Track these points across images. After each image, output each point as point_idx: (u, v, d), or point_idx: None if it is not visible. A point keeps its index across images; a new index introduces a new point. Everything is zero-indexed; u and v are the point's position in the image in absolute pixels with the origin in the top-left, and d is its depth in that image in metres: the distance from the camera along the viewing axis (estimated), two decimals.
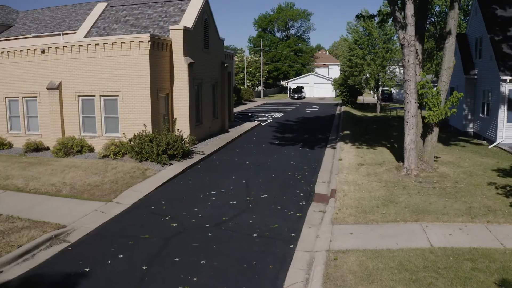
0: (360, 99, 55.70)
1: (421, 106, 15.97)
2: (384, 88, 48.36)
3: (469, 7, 39.26)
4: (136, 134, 17.60)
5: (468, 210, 11.45)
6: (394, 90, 50.47)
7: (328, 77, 79.62)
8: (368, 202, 12.19)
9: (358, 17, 18.17)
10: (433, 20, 39.43)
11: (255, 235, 10.17)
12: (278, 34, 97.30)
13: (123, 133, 18.49)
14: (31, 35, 30.30)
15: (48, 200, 13.21)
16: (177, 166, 16.79)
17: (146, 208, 12.24)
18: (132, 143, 17.53)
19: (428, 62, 53.61)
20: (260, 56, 77.43)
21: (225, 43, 29.03)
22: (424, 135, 16.19)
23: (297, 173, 16.25)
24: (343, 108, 47.38)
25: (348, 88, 49.61)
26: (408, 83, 14.49)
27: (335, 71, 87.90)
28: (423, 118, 16.08)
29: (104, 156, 18.19)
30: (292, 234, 10.20)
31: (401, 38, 14.20)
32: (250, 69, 75.91)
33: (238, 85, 70.48)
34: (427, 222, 10.80)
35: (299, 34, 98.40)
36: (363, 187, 13.75)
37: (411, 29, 14.06)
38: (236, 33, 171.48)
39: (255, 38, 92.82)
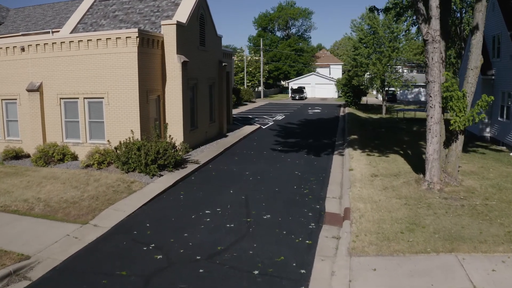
0: (363, 99, 53.82)
1: (443, 110, 14.12)
2: (389, 89, 46.49)
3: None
4: (123, 141, 15.73)
5: (508, 236, 9.61)
6: (398, 91, 48.48)
7: (330, 77, 77.73)
8: (389, 225, 10.32)
9: (372, 10, 16.30)
10: None
11: (256, 272, 8.28)
12: (278, 33, 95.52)
13: (108, 140, 16.63)
14: (20, 33, 28.64)
15: (16, 220, 11.35)
16: (168, 178, 14.90)
17: (127, 233, 10.36)
18: (118, 151, 15.65)
19: None
20: (260, 56, 75.52)
21: (225, 43, 27.23)
22: (447, 144, 14.33)
23: (304, 186, 14.38)
24: (347, 110, 45.49)
25: (352, 89, 47.74)
26: (431, 85, 12.62)
27: (336, 71, 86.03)
28: (446, 121, 14.24)
29: (87, 166, 16.33)
30: (302, 271, 8.32)
31: (424, 33, 12.33)
32: (250, 69, 74.02)
33: (238, 86, 68.61)
34: (464, 253, 8.94)
35: (300, 33, 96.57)
36: (381, 205, 11.87)
37: (435, 23, 12.19)
38: (236, 33, 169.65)
39: (255, 37, 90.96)
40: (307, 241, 9.74)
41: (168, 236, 10.06)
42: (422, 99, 65.69)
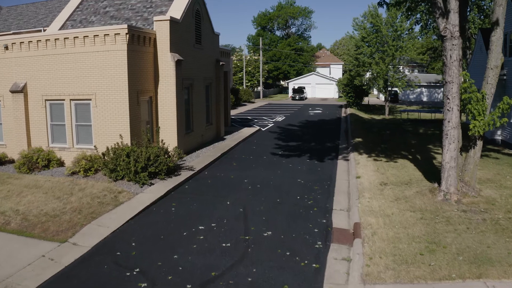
0: (365, 100, 52.61)
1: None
2: (392, 89, 45.30)
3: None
4: (111, 147, 14.51)
5: None
6: (402, 91, 47.16)
7: (330, 77, 76.52)
8: (406, 245, 9.12)
9: (381, 4, 15.07)
10: None
11: None
12: (278, 33, 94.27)
13: (94, 146, 15.43)
14: (11, 32, 27.47)
15: None
16: (159, 187, 13.68)
17: (109, 254, 9.14)
18: (105, 157, 14.43)
19: (439, 61, 50.79)
20: (259, 55, 74.29)
21: (224, 42, 26.06)
22: (464, 150, 13.15)
23: (307, 196, 13.17)
24: (349, 110, 44.32)
25: (353, 89, 46.51)
26: (449, 86, 11.42)
27: (337, 71, 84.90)
28: (463, 125, 13.07)
29: (73, 173, 15.12)
30: None
31: (441, 29, 11.13)
32: (249, 69, 72.79)
33: (237, 86, 67.43)
34: (493, 279, 7.77)
35: (299, 33, 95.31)
36: (395, 219, 10.68)
37: (454, 17, 11.00)
38: (235, 32, 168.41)
39: (254, 36, 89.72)
40: (314, 265, 8.53)
41: (155, 258, 8.84)
42: (424, 99, 64.61)
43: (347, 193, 13.51)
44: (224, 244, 9.48)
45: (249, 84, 72.69)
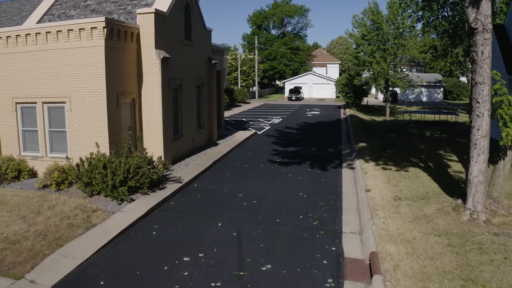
0: (364, 100, 50.85)
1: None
2: (393, 89, 43.64)
3: None
4: (86, 157, 12.70)
5: None
6: (405, 91, 45.32)
7: (327, 77, 74.82)
8: (438, 285, 7.40)
9: None
10: (446, 14, 34.88)
11: None
12: (273, 31, 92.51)
13: (66, 156, 13.64)
14: None
15: None
16: (140, 205, 11.85)
17: None
18: (80, 169, 12.62)
19: (442, 60, 49.22)
20: (255, 54, 72.44)
21: (219, 42, 24.14)
22: (491, 162, 11.49)
23: (311, 215, 11.42)
24: (348, 111, 42.65)
25: (353, 89, 44.81)
26: (480, 87, 9.73)
27: (333, 70, 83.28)
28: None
29: (44, 186, 13.29)
30: None
31: (472, 20, 9.43)
32: (244, 68, 70.93)
33: (232, 86, 65.63)
34: None
35: (295, 31, 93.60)
36: (418, 246, 8.96)
37: (486, 6, 9.31)
38: (230, 31, 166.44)
39: (249, 35, 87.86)
40: None
41: None
42: (424, 99, 63.15)
43: (357, 211, 11.78)
44: (213, 284, 7.70)
45: (244, 84, 70.86)
